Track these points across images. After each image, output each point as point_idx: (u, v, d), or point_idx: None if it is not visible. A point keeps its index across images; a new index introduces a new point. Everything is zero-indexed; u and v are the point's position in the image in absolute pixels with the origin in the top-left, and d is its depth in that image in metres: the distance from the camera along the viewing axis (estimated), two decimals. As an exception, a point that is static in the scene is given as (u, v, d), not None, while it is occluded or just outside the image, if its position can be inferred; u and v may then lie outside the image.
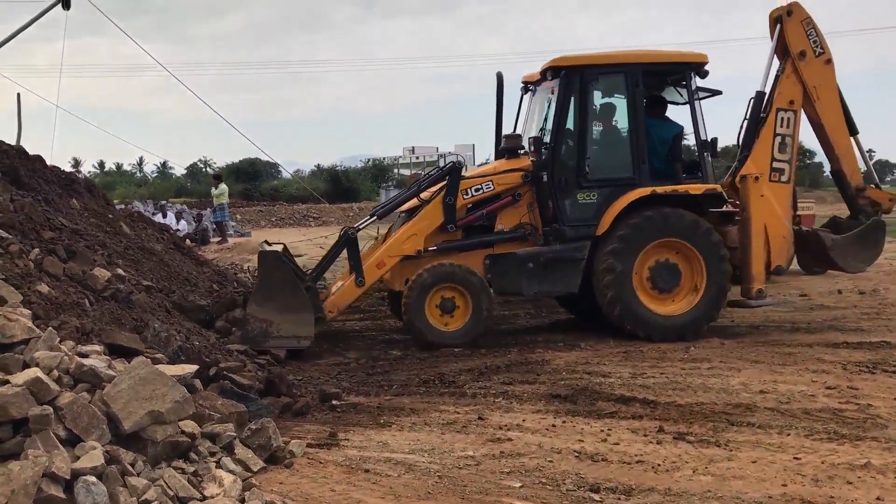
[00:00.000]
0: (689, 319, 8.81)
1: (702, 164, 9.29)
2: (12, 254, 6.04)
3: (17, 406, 3.92)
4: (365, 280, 8.85)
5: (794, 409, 5.87)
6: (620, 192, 8.87)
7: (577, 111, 8.99)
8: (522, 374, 7.33)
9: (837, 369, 7.09)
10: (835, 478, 4.46)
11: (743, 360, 7.58)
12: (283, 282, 8.33)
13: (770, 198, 9.07)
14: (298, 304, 8.26)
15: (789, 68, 9.22)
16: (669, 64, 9.42)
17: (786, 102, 9.22)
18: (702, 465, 4.71)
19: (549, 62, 9.24)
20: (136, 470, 4.03)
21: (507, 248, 9.03)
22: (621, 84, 9.11)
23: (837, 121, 9.43)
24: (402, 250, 8.96)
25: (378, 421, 5.83)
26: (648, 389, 6.56)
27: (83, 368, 4.41)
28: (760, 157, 9.16)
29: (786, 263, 9.29)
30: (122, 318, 6.06)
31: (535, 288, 8.99)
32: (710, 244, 8.80)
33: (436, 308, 8.68)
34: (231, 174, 51.89)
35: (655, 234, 8.79)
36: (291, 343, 8.11)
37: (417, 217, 9.06)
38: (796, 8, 9.23)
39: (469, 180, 9.12)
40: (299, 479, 4.51)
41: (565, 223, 8.91)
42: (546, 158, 9.01)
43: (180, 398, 4.42)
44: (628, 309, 8.72)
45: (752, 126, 9.24)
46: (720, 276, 8.82)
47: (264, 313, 8.17)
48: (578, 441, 5.24)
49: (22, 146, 9.86)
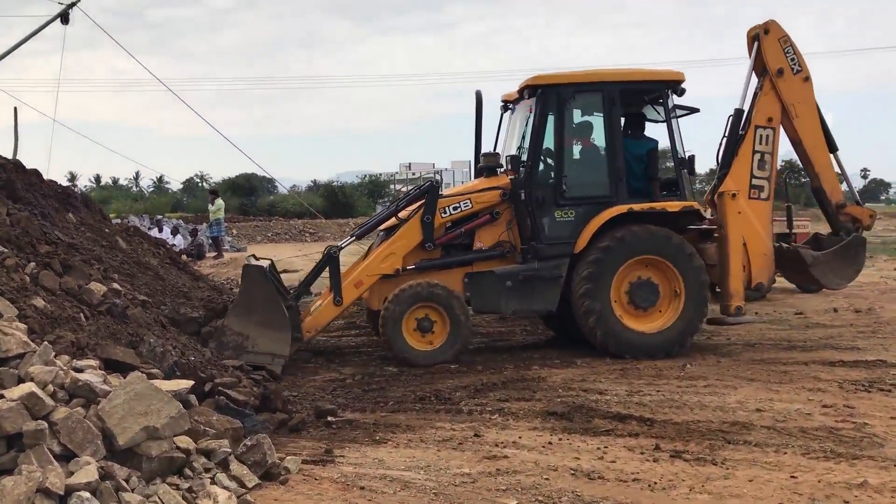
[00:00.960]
0: (667, 337, 8.81)
1: (679, 182, 9.34)
2: (8, 268, 6.02)
3: (12, 421, 3.91)
4: (342, 300, 8.83)
5: (790, 427, 5.87)
6: (597, 209, 8.90)
7: (554, 129, 9.02)
8: (519, 391, 7.31)
9: (834, 388, 7.09)
10: (832, 497, 4.45)
11: (739, 378, 7.58)
12: (265, 298, 8.27)
13: (749, 215, 9.11)
14: (277, 321, 8.19)
15: (767, 86, 9.27)
16: (646, 82, 9.43)
17: (764, 120, 9.27)
18: (698, 484, 4.70)
19: (526, 80, 9.26)
20: (131, 486, 4.01)
21: (486, 266, 9.01)
22: (598, 102, 9.16)
23: (817, 138, 9.48)
24: (381, 269, 8.95)
25: (374, 437, 5.81)
26: (645, 407, 6.56)
27: (78, 383, 4.39)
28: (739, 175, 9.18)
29: (767, 281, 9.30)
30: (117, 333, 6.04)
31: (513, 306, 8.99)
32: (687, 261, 8.83)
33: (413, 328, 8.66)
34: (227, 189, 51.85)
35: (632, 251, 8.79)
36: (265, 360, 7.99)
37: (395, 236, 9.05)
38: (773, 26, 9.30)
39: (447, 199, 9.12)
40: (294, 496, 4.49)
41: (543, 241, 8.92)
42: (524, 176, 9.01)
43: (175, 414, 4.40)
44: (606, 326, 8.72)
45: (731, 144, 9.28)
46: (698, 293, 8.85)
47: (242, 327, 8.10)
48: (575, 458, 5.23)
49: (19, 160, 9.85)
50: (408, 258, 9.00)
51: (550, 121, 9.02)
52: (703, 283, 8.89)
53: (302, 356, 9.47)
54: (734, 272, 8.96)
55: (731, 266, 8.95)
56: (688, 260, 8.84)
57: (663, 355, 8.67)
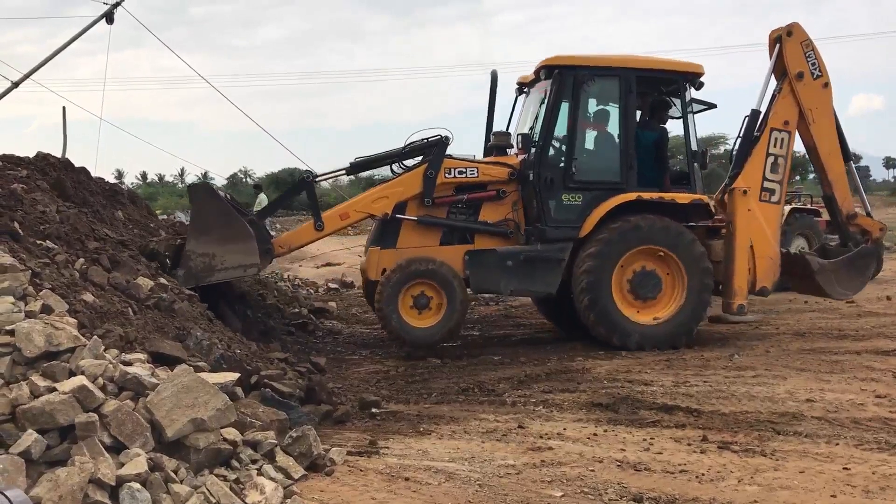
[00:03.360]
0: (668, 328, 8.70)
1: (691, 175, 9.21)
2: (58, 264, 6.15)
3: (64, 413, 3.99)
4: (325, 225, 8.81)
5: (842, 418, 5.74)
6: (606, 195, 8.80)
7: (568, 111, 8.91)
8: (563, 382, 7.27)
9: (888, 377, 6.92)
10: (887, 489, 4.34)
11: (789, 368, 7.44)
12: (218, 212, 8.08)
13: (759, 217, 8.99)
14: (238, 233, 8.03)
15: (786, 88, 9.16)
16: (664, 72, 9.30)
17: (781, 122, 9.15)
18: (747, 475, 4.62)
19: (543, 61, 9.14)
20: (179, 477, 4.06)
21: (488, 245, 8.92)
22: (615, 88, 9.02)
23: (832, 145, 9.35)
24: (370, 209, 8.93)
25: (418, 429, 5.82)
26: (692, 398, 6.47)
27: (127, 376, 4.47)
28: (751, 175, 9.08)
29: (771, 285, 9.15)
30: (164, 327, 6.13)
31: (512, 286, 8.89)
32: (692, 254, 8.70)
33: (410, 304, 8.60)
34: (271, 184, 52.40)
35: (637, 241, 8.69)
36: (238, 273, 7.86)
37: (394, 181, 8.99)
38: (796, 29, 9.17)
39: (455, 161, 9.04)
40: (340, 487, 4.51)
41: (548, 223, 8.83)
42: (534, 157, 8.91)
43: (222, 406, 4.45)
44: (604, 314, 8.61)
45: (745, 144, 9.18)
46: (701, 287, 8.71)
47: (204, 247, 7.95)
48: (620, 450, 5.18)
49: (68, 158, 10.05)
50: (401, 208, 8.89)
51: (564, 102, 8.90)
52: (707, 277, 8.74)
53: (347, 348, 9.55)
54: (739, 270, 8.83)
55: (736, 263, 8.83)
56: (692, 253, 8.70)
57: (665, 346, 8.58)
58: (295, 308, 11.37)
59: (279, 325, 10.16)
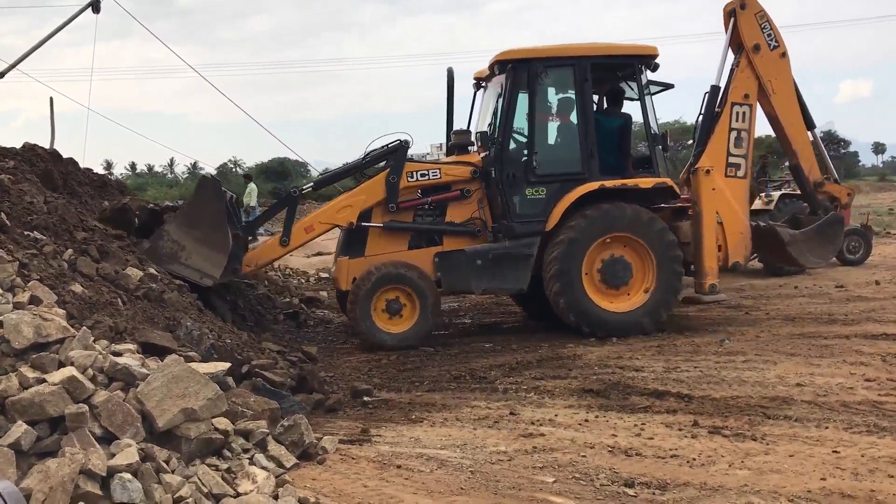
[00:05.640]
0: (639, 315, 8.69)
1: (653, 158, 9.15)
2: (46, 255, 6.12)
3: (54, 404, 3.98)
4: (290, 241, 8.81)
5: (832, 401, 5.77)
6: (569, 186, 8.77)
7: (525, 105, 8.86)
8: (554, 369, 7.29)
9: (876, 361, 6.96)
10: (875, 471, 4.37)
11: (779, 353, 7.47)
12: (213, 215, 8.05)
13: (726, 192, 8.98)
14: (217, 241, 8.00)
15: (744, 62, 9.14)
16: (618, 56, 9.24)
17: (741, 96, 9.14)
18: (738, 460, 4.65)
19: (496, 56, 9.08)
20: (171, 467, 4.06)
21: (457, 245, 8.89)
22: (569, 77, 8.96)
23: (794, 115, 9.37)
24: (335, 219, 8.91)
25: (409, 417, 5.83)
26: (682, 383, 6.49)
27: (117, 367, 4.45)
28: (715, 152, 9.06)
29: (743, 260, 9.16)
30: (154, 317, 6.11)
31: (483, 285, 8.86)
32: (658, 238, 8.68)
33: (382, 309, 8.58)
34: (261, 174, 52.28)
35: (603, 229, 8.66)
36: (194, 276, 7.81)
37: (357, 189, 8.96)
38: (750, 1, 9.14)
39: (416, 164, 9.04)
40: (332, 475, 4.52)
41: (514, 219, 8.81)
42: (494, 153, 8.86)
43: (213, 395, 4.44)
44: (575, 304, 8.61)
45: (707, 121, 9.16)
46: (670, 270, 8.71)
47: (181, 236, 7.92)
48: (612, 436, 5.20)
49: (56, 149, 9.98)
50: (366, 216, 8.87)
51: (520, 96, 8.86)
52: (676, 261, 8.74)
53: (338, 337, 9.55)
54: (708, 250, 8.84)
55: (704, 243, 8.83)
56: (659, 237, 8.69)
57: (634, 333, 8.57)
58: (286, 297, 11.35)
59: (270, 315, 10.14)
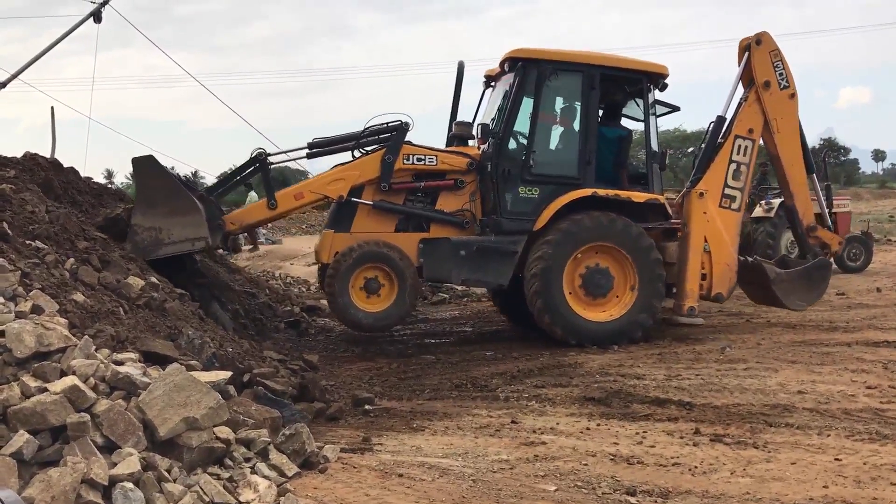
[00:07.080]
0: (616, 326, 8.69)
1: (649, 175, 9.20)
2: (48, 264, 6.12)
3: (56, 413, 3.97)
4: (277, 204, 8.80)
5: (833, 409, 5.77)
6: (562, 190, 8.80)
7: (529, 104, 8.89)
8: (555, 377, 7.29)
9: (878, 368, 6.96)
10: (878, 479, 4.36)
11: (780, 361, 7.47)
12: (164, 186, 7.98)
13: (718, 223, 9.02)
14: (184, 206, 7.95)
15: (753, 97, 9.23)
16: (628, 70, 9.25)
17: (745, 130, 9.22)
18: (740, 467, 4.64)
19: (508, 52, 9.13)
20: (173, 476, 4.05)
21: (443, 234, 8.90)
22: (577, 84, 8.99)
23: (795, 156, 9.43)
24: (325, 190, 8.90)
25: (411, 425, 5.82)
26: (684, 391, 6.49)
27: (119, 376, 4.45)
28: (712, 180, 9.13)
29: (727, 292, 9.17)
30: (156, 326, 6.12)
31: (464, 275, 8.87)
32: (643, 253, 8.70)
33: (360, 286, 8.57)
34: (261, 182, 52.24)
35: (589, 237, 8.68)
36: (186, 247, 7.78)
37: (352, 164, 8.96)
38: (766, 38, 9.23)
39: (414, 147, 9.01)
40: (333, 484, 4.51)
41: (504, 215, 8.83)
42: (493, 148, 8.88)
43: (215, 404, 4.44)
44: (552, 307, 8.61)
45: (709, 150, 9.24)
46: (652, 286, 8.71)
47: (150, 221, 7.85)
48: (613, 444, 5.19)
49: (56, 159, 9.99)
50: (358, 192, 8.87)
51: (526, 94, 8.88)
52: (659, 280, 8.75)
53: (339, 346, 9.55)
54: (692, 272, 8.87)
55: (689, 265, 8.87)
56: (645, 252, 8.71)
57: (605, 345, 8.56)
58: (287, 306, 11.35)
59: (271, 324, 10.14)
